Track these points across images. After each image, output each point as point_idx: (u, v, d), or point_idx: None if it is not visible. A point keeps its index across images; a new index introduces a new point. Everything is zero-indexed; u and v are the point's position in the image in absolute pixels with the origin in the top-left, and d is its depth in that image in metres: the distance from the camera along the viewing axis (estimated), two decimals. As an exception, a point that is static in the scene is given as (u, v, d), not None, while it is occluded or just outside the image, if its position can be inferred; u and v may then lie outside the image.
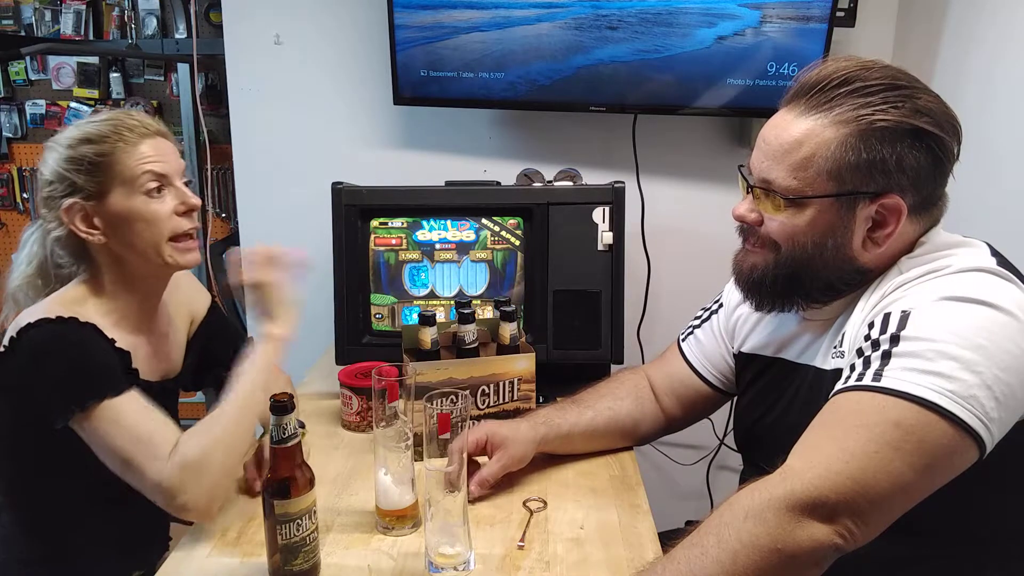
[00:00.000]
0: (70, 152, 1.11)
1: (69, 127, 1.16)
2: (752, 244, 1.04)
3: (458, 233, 1.55)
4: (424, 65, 1.78)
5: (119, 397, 1.04)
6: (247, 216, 2.04)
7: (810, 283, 0.99)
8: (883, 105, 0.91)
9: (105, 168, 1.11)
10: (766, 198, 0.98)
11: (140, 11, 2.60)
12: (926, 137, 0.91)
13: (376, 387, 1.10)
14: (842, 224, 0.95)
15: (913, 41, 1.78)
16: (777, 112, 0.99)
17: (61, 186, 1.11)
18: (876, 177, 0.92)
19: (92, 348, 1.08)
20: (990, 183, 1.48)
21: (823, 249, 0.96)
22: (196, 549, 1.06)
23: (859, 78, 0.92)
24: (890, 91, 0.91)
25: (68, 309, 1.09)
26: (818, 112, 0.94)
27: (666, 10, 1.67)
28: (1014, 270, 0.91)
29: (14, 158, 2.77)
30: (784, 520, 0.80)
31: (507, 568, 1.01)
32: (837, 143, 0.92)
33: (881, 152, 0.91)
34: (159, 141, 1.15)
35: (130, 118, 1.14)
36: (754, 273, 1.03)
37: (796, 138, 0.94)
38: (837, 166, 0.92)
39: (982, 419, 0.81)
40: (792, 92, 0.98)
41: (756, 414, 1.15)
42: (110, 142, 1.11)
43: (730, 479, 2.03)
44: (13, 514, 1.20)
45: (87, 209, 1.11)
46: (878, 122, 0.90)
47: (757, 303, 1.06)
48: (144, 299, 1.21)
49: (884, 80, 0.92)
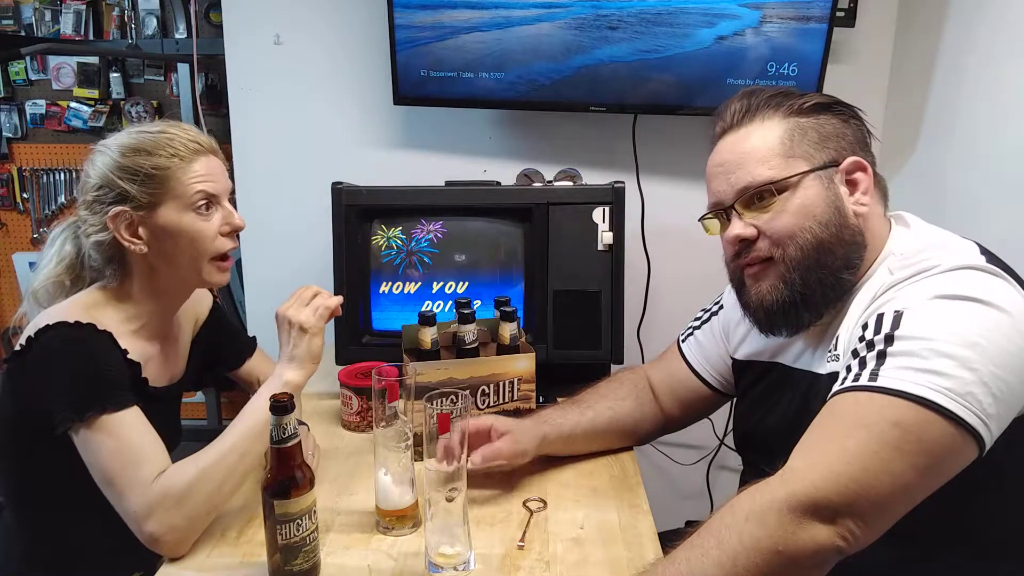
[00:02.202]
0: (124, 160, 1.11)
1: (121, 133, 1.16)
2: (755, 267, 1.02)
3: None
4: (424, 65, 1.78)
5: (119, 412, 1.04)
6: (247, 216, 2.02)
7: (832, 264, 0.98)
8: (796, 97, 1.03)
9: (160, 181, 1.11)
10: (749, 207, 1.01)
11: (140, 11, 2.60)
12: (844, 110, 1.03)
13: (376, 387, 1.10)
14: (830, 195, 0.99)
15: (913, 41, 1.78)
16: (712, 150, 1.07)
17: (112, 192, 1.12)
18: (829, 144, 1.01)
19: (103, 358, 1.07)
20: (990, 182, 1.48)
21: (828, 225, 0.98)
22: (196, 549, 1.05)
23: (754, 94, 1.04)
24: (790, 92, 1.05)
25: (87, 314, 1.10)
26: (750, 123, 1.03)
27: (666, 10, 1.67)
28: (1004, 267, 0.92)
29: (14, 158, 2.77)
30: (785, 522, 0.80)
31: (507, 568, 1.01)
32: (783, 130, 1.01)
33: (820, 125, 1.01)
34: (211, 159, 1.16)
35: (185, 133, 1.15)
36: (774, 294, 1.01)
37: (750, 143, 1.02)
38: (797, 147, 1.00)
39: (980, 416, 0.81)
40: (718, 129, 1.07)
41: (755, 417, 1.15)
42: (165, 156, 1.12)
43: (730, 479, 2.03)
44: (14, 513, 1.20)
45: (134, 218, 1.12)
46: (801, 104, 1.02)
47: (791, 324, 1.03)
48: (166, 309, 1.23)
49: (778, 89, 1.05)
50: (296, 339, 1.13)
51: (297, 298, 1.16)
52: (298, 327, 1.13)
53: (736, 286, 1.09)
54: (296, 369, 1.13)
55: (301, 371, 1.13)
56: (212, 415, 2.67)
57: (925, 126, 1.71)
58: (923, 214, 1.05)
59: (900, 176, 1.79)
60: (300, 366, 1.13)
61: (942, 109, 1.66)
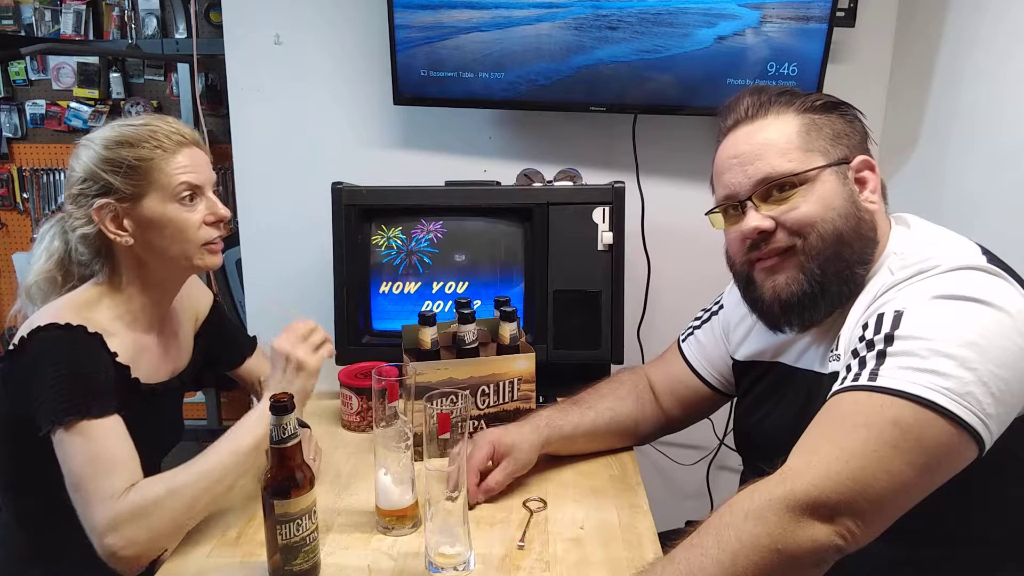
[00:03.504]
0: (108, 153, 1.12)
1: (105, 127, 1.17)
2: (771, 259, 1.01)
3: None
4: (424, 65, 1.78)
5: (98, 419, 1.03)
6: (247, 216, 2.04)
7: (850, 257, 0.98)
8: (803, 96, 1.04)
9: (143, 173, 1.12)
10: (766, 200, 1.00)
11: (140, 11, 2.60)
12: (847, 111, 1.04)
13: (376, 387, 1.10)
14: (847, 190, 0.99)
15: (913, 41, 1.78)
16: (723, 143, 1.06)
17: (96, 185, 1.12)
18: (841, 142, 1.01)
19: (88, 363, 1.07)
20: (990, 182, 1.48)
21: (847, 218, 0.98)
22: (196, 549, 1.06)
23: (763, 91, 1.05)
24: (794, 91, 1.05)
25: (80, 314, 1.10)
26: (764, 116, 1.03)
27: (666, 10, 1.67)
28: (1005, 267, 0.92)
29: (14, 158, 2.77)
30: (784, 520, 0.80)
31: (507, 568, 1.01)
32: (800, 124, 1.01)
33: (831, 122, 1.02)
34: (194, 151, 1.16)
35: (168, 125, 1.15)
36: (794, 285, 0.99)
37: (767, 135, 1.01)
38: (814, 141, 1.00)
39: (979, 416, 0.81)
40: (729, 123, 1.06)
41: (756, 417, 1.15)
42: (148, 147, 1.12)
43: (730, 479, 2.03)
44: (13, 512, 1.20)
45: (119, 211, 1.12)
46: (812, 102, 1.03)
47: (805, 317, 1.01)
48: (159, 300, 1.22)
49: (783, 88, 1.06)
50: (293, 376, 1.11)
51: (294, 333, 1.13)
52: (296, 365, 1.11)
53: (743, 283, 1.07)
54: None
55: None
56: (212, 415, 2.68)
57: (925, 126, 1.71)
58: (923, 214, 1.05)
59: (900, 176, 1.79)
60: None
61: (942, 109, 1.66)
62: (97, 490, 1.00)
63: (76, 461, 1.02)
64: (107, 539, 0.99)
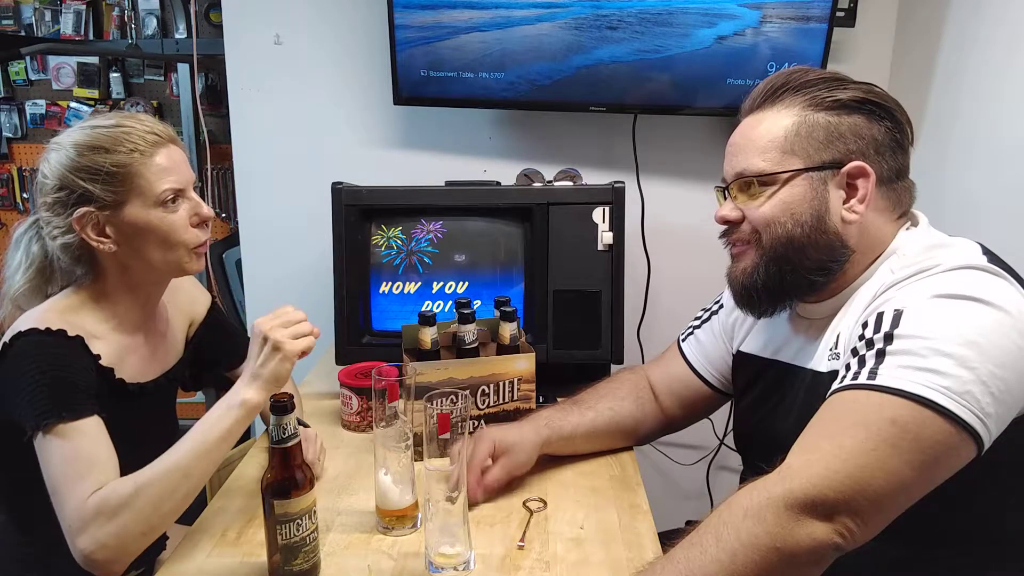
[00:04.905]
0: (82, 160, 1.08)
1: (74, 129, 1.13)
2: (737, 247, 1.06)
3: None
4: (424, 65, 1.78)
5: (75, 422, 1.02)
6: (247, 216, 2.04)
7: (800, 263, 0.99)
8: (828, 89, 1.00)
9: (122, 179, 1.09)
10: (741, 192, 1.03)
11: (140, 11, 2.60)
12: (877, 110, 0.99)
13: (376, 387, 1.10)
14: (817, 198, 0.98)
15: (913, 41, 1.78)
16: (737, 126, 1.07)
17: (74, 194, 1.09)
18: (836, 145, 0.98)
19: (68, 366, 1.06)
20: (989, 182, 1.48)
21: (803, 226, 0.98)
22: (196, 549, 1.06)
23: (799, 77, 1.02)
24: (832, 80, 1.01)
25: (62, 317, 1.09)
26: (772, 107, 1.02)
27: (666, 10, 1.67)
28: (1005, 267, 0.92)
29: (14, 158, 2.77)
30: (783, 519, 0.80)
31: (507, 568, 1.01)
32: (792, 123, 1.00)
33: (835, 123, 0.99)
34: (171, 149, 1.14)
35: (141, 124, 1.12)
36: (745, 276, 1.04)
37: (757, 130, 1.02)
38: (798, 142, 0.99)
39: (978, 415, 0.81)
40: (746, 105, 1.06)
41: (756, 416, 1.15)
42: (125, 152, 1.09)
43: (730, 479, 2.03)
44: (8, 513, 1.20)
45: (100, 219, 1.10)
46: (827, 99, 0.99)
47: (754, 307, 1.06)
48: (145, 301, 1.21)
49: (823, 75, 1.03)
50: (267, 357, 1.06)
51: (279, 316, 1.09)
52: (272, 345, 1.05)
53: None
54: (257, 389, 1.05)
55: (262, 392, 1.05)
56: (212, 415, 2.67)
57: (925, 126, 1.71)
58: (923, 214, 1.05)
59: (900, 176, 1.79)
60: (262, 386, 1.05)
61: (942, 109, 1.66)
62: (72, 492, 0.99)
63: (53, 463, 1.01)
64: (79, 542, 0.97)
